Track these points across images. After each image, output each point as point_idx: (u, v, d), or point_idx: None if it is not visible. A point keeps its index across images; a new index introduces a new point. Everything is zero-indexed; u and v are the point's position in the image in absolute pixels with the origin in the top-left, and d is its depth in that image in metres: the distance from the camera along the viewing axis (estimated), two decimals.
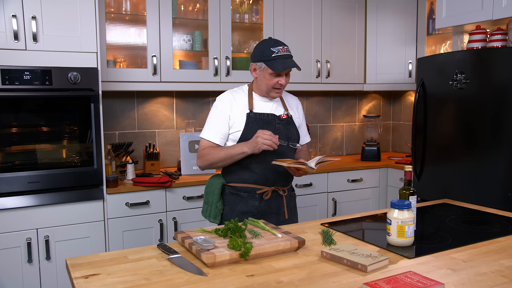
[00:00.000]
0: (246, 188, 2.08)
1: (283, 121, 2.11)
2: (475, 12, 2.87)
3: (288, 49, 2.05)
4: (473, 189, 2.72)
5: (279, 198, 2.12)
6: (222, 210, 2.12)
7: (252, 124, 2.05)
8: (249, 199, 2.07)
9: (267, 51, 2.02)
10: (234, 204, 2.10)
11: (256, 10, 3.50)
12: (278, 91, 2.07)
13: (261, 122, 2.06)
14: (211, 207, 2.13)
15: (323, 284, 1.28)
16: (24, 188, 2.49)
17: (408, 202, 1.57)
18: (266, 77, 2.04)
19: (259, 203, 2.07)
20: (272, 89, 2.06)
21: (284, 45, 2.05)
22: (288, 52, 2.03)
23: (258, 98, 2.12)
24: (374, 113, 4.33)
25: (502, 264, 1.43)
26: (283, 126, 2.11)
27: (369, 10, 3.82)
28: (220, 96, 2.14)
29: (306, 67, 3.59)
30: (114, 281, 1.31)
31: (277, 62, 1.99)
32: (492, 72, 2.64)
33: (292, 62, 2.01)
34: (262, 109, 2.10)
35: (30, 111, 2.56)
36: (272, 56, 2.00)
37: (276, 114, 2.11)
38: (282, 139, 1.99)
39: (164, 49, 3.06)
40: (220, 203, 2.11)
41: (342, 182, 3.53)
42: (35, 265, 2.54)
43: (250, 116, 2.06)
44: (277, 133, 2.04)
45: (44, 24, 2.48)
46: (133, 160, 3.11)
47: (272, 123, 2.08)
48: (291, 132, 2.12)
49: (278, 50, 2.01)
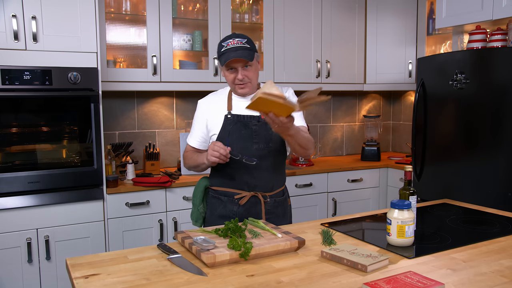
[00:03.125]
0: (226, 192, 2.01)
1: (263, 121, 1.94)
2: (475, 12, 2.87)
3: (242, 40, 1.90)
4: (473, 189, 2.72)
5: (258, 204, 2.00)
6: (204, 214, 2.08)
7: (228, 127, 1.96)
8: (228, 203, 2.00)
9: (219, 46, 1.92)
10: (214, 208, 2.04)
11: (256, 10, 3.50)
12: (242, 87, 1.94)
13: (239, 124, 1.96)
14: (193, 210, 2.10)
15: (323, 284, 1.28)
16: (24, 188, 2.49)
17: (408, 202, 1.57)
18: (225, 74, 1.96)
19: (237, 208, 1.98)
20: (235, 85, 1.95)
21: (238, 37, 1.91)
22: (238, 44, 1.88)
23: (237, 99, 2.02)
24: (374, 113, 4.33)
25: (502, 264, 1.43)
26: (261, 128, 1.96)
27: (369, 10, 3.82)
28: (201, 100, 2.09)
29: (306, 67, 3.59)
30: (114, 281, 1.31)
31: (224, 56, 1.88)
32: (492, 72, 2.64)
33: (239, 53, 1.85)
34: (240, 110, 1.98)
35: (30, 111, 2.56)
36: (222, 51, 1.90)
37: (256, 115, 1.96)
38: (234, 153, 1.85)
39: (164, 49, 3.06)
40: (201, 206, 2.07)
41: (342, 182, 3.53)
42: (35, 265, 2.54)
43: (228, 118, 1.97)
44: (255, 136, 1.95)
45: (44, 24, 2.48)
46: (133, 160, 3.11)
47: (249, 125, 1.96)
48: (272, 133, 1.95)
49: (227, 43, 1.89)
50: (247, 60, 1.88)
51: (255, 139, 1.96)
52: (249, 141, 1.95)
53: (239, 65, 1.90)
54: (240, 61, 1.89)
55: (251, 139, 1.96)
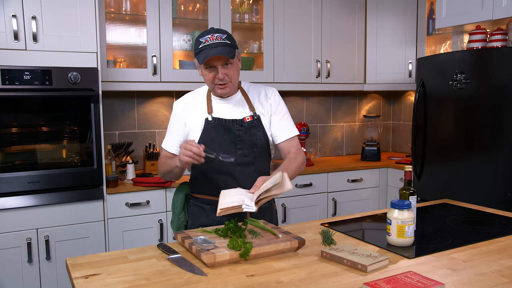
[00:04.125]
0: (208, 200, 1.87)
1: (247, 125, 1.84)
2: (475, 12, 2.87)
3: (222, 35, 1.74)
4: (473, 189, 2.72)
5: (243, 212, 1.69)
6: (185, 222, 1.96)
7: (209, 131, 1.83)
8: (210, 212, 1.86)
9: (197, 42, 1.76)
10: (196, 217, 1.92)
11: (256, 10, 3.50)
12: (222, 87, 1.79)
13: (221, 129, 1.82)
14: (173, 218, 1.97)
15: (323, 284, 1.28)
16: (24, 188, 2.49)
17: (408, 202, 1.57)
18: (203, 73, 1.80)
19: (220, 217, 1.80)
20: (214, 85, 1.80)
21: (217, 33, 1.75)
22: (218, 40, 1.72)
23: (217, 100, 1.88)
24: (374, 113, 4.33)
25: (502, 264, 1.43)
26: (245, 132, 1.84)
27: (369, 10, 3.82)
28: (176, 101, 1.93)
29: (306, 67, 3.59)
30: (114, 281, 1.31)
31: (202, 53, 1.72)
32: (492, 72, 2.64)
33: (219, 50, 1.69)
34: (221, 112, 1.85)
35: (30, 111, 2.56)
36: (200, 47, 1.74)
37: (238, 118, 1.85)
38: (208, 151, 1.66)
39: (164, 49, 3.06)
40: (182, 214, 1.94)
41: (342, 182, 3.52)
42: (35, 265, 2.54)
43: (209, 122, 1.83)
44: (238, 141, 1.82)
45: (44, 24, 2.48)
46: (133, 160, 3.11)
47: (232, 129, 1.83)
48: (256, 137, 1.85)
49: (205, 39, 1.73)
50: (228, 57, 1.72)
51: (239, 144, 1.83)
52: (233, 147, 1.83)
53: (219, 63, 1.74)
54: (220, 58, 1.73)
55: (234, 144, 1.83)
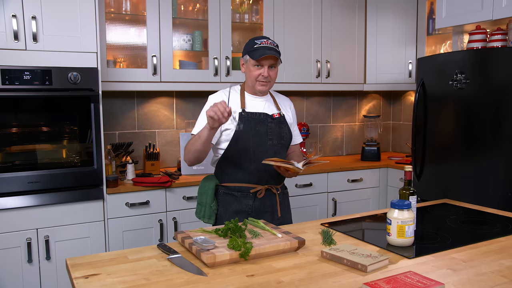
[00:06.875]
0: (239, 187, 2.08)
1: (276, 120, 2.11)
2: (475, 12, 2.87)
3: (274, 43, 2.07)
4: (473, 189, 2.72)
5: (272, 197, 2.12)
6: (216, 211, 2.12)
7: (244, 123, 2.05)
8: (243, 198, 2.07)
9: (251, 43, 2.06)
10: (228, 204, 2.10)
11: (256, 10, 3.50)
12: (263, 84, 2.07)
13: (254, 121, 2.06)
14: (205, 208, 2.13)
15: (323, 284, 1.28)
16: (24, 188, 2.49)
17: (408, 202, 1.57)
18: (249, 69, 2.07)
19: (253, 202, 2.07)
20: (256, 81, 2.06)
21: (270, 39, 2.08)
22: (271, 45, 2.05)
23: (250, 97, 2.13)
24: (374, 113, 4.33)
25: (502, 264, 1.43)
26: (275, 125, 2.11)
27: (369, 10, 3.82)
28: (213, 95, 2.14)
29: (306, 67, 3.59)
30: (114, 281, 1.31)
31: (257, 51, 2.02)
32: (492, 72, 2.64)
33: (273, 52, 2.01)
34: (254, 108, 2.11)
35: (30, 111, 2.56)
36: (254, 47, 2.04)
37: (269, 113, 2.11)
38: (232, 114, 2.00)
39: (164, 49, 3.06)
40: (214, 203, 2.11)
41: (342, 182, 3.52)
42: (35, 265, 2.54)
43: (243, 115, 2.06)
44: (269, 132, 2.07)
45: (44, 24, 2.48)
46: (133, 160, 3.11)
47: (265, 122, 2.08)
48: (283, 131, 2.13)
49: (261, 42, 2.05)
50: (278, 59, 2.04)
51: (270, 135, 2.08)
52: (265, 137, 2.07)
53: (267, 63, 2.03)
54: (270, 59, 2.02)
55: (266, 135, 2.07)
